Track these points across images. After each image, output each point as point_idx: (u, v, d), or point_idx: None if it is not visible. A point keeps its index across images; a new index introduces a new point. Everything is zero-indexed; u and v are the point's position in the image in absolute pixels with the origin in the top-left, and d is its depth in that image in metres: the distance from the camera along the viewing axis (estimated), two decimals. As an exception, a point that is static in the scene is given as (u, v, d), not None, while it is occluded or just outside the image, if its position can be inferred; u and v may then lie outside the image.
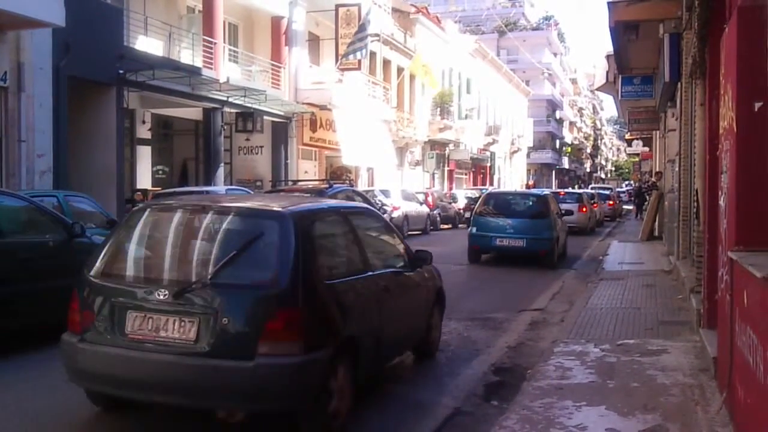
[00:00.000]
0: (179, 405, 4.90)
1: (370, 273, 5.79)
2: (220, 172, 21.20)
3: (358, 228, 6.05)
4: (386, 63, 32.72)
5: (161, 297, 4.75)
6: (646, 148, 36.11)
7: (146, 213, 5.53)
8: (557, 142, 77.70)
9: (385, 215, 16.02)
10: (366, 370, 5.52)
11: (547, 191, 21.99)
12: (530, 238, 15.32)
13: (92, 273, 5.15)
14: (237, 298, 4.75)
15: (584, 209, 25.65)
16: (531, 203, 16.42)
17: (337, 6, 26.01)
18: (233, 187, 18.94)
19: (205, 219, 5.26)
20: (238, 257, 4.82)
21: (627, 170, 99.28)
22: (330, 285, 5.14)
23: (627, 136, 40.78)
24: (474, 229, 15.83)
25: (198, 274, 4.86)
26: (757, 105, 4.10)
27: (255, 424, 5.18)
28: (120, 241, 5.40)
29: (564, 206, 19.85)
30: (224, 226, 5.15)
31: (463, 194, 32.22)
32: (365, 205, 8.91)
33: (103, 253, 5.25)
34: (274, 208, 5.25)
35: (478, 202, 17.12)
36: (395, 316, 6.08)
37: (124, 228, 5.50)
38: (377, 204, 18.00)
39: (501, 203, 16.62)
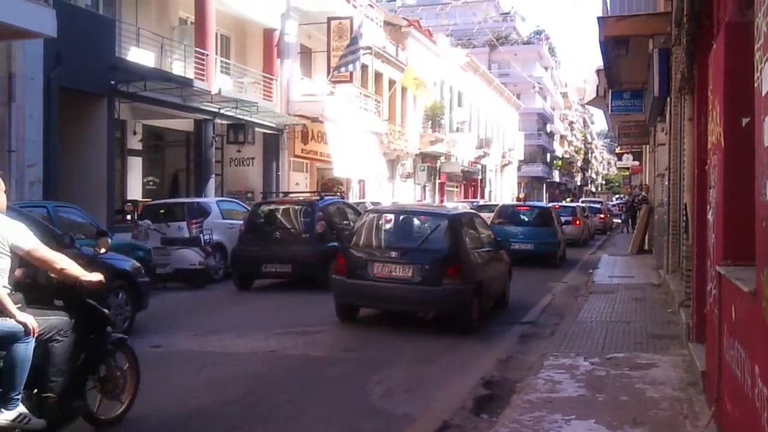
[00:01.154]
0: (399, 309, 9.87)
1: (483, 249, 10.57)
2: (211, 184, 21.16)
3: (477, 224, 11.14)
4: (378, 76, 32.81)
5: (393, 255, 9.42)
6: (636, 162, 36.31)
7: (370, 214, 10.64)
8: (548, 155, 77.97)
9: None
10: (484, 303, 9.89)
11: (549, 205, 25.70)
12: (537, 242, 18.41)
13: (350, 245, 9.86)
14: (432, 257, 9.30)
15: (578, 222, 26.41)
16: (537, 214, 19.85)
17: (329, 19, 26.08)
18: (224, 198, 18.91)
19: (408, 217, 10.57)
20: (430, 236, 9.73)
21: (617, 184, 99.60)
22: (470, 252, 9.91)
23: (617, 150, 41.05)
24: None
25: (411, 244, 9.65)
26: (745, 120, 4.14)
27: (436, 320, 9.92)
28: (359, 229, 10.14)
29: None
30: (420, 221, 10.47)
31: (452, 207, 32.24)
32: (476, 212, 13.86)
33: (353, 235, 10.07)
34: (444, 212, 11.24)
35: (494, 214, 20.45)
36: (494, 275, 10.59)
37: (360, 222, 10.45)
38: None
39: (512, 214, 20.22)
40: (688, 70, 8.00)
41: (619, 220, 40.76)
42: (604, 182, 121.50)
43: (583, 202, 46.02)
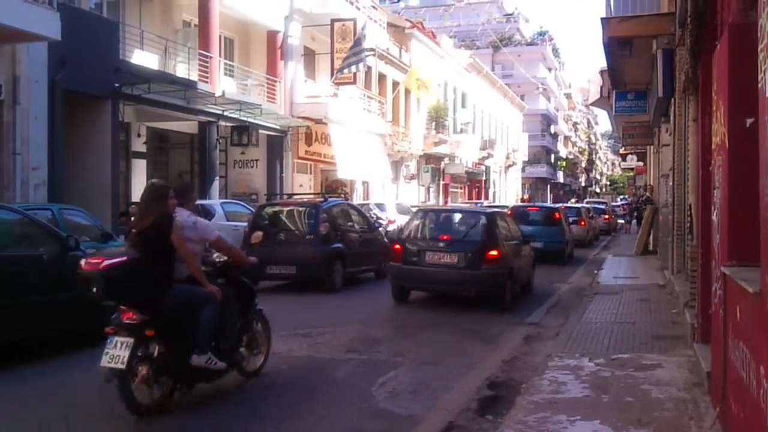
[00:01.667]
0: (446, 290, 11.92)
1: (513, 242, 12.47)
2: (215, 186, 21.20)
3: (508, 221, 13.38)
4: (381, 77, 32.83)
5: (441, 245, 11.47)
6: (641, 163, 36.22)
7: (420, 212, 13.48)
8: (552, 156, 77.91)
9: (380, 228, 16.11)
10: (515, 287, 11.99)
11: (558, 205, 27.18)
12: (546, 240, 19.13)
13: (404, 237, 12.02)
14: (473, 246, 11.32)
15: (583, 223, 26.50)
16: (546, 214, 21.11)
17: (333, 20, 26.11)
18: (228, 200, 18.94)
19: (452, 214, 13.18)
20: (471, 230, 11.79)
21: (622, 184, 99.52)
22: (503, 244, 11.74)
23: (621, 151, 40.96)
24: None
25: (457, 236, 11.76)
26: (749, 121, 4.13)
27: (475, 298, 11.72)
28: (411, 224, 12.52)
29: None
30: (462, 217, 12.68)
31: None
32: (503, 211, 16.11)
33: (407, 230, 12.38)
34: (481, 211, 13.39)
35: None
36: (522, 265, 12.64)
37: (411, 219, 13.04)
38: (372, 218, 18.00)
39: (523, 214, 20.96)
40: (692, 70, 8.00)
41: (623, 221, 40.71)
42: (608, 183, 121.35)
43: (587, 202, 45.96)
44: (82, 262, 7.61)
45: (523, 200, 53.11)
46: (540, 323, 10.34)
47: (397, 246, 11.88)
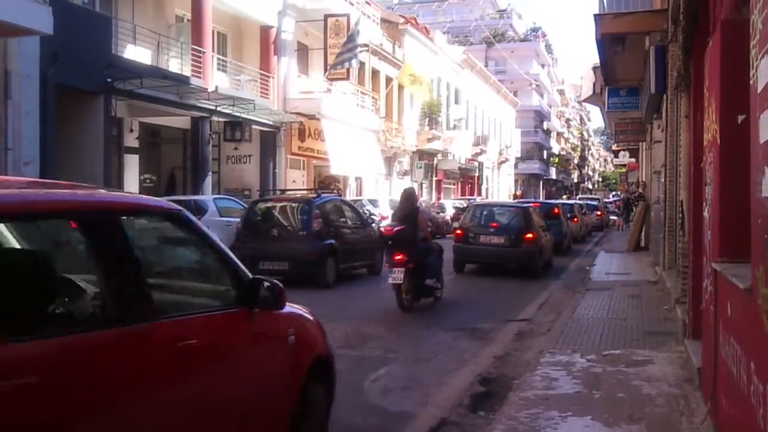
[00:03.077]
0: (498, 263, 15.89)
1: (541, 228, 16.78)
2: (208, 181, 21.14)
3: (538, 213, 17.75)
4: (375, 73, 32.81)
5: (492, 230, 15.95)
6: (633, 159, 36.32)
7: (474, 206, 18.51)
8: (545, 152, 78.03)
9: (373, 225, 16.13)
10: (542, 261, 16.35)
11: (558, 202, 29.23)
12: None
13: (462, 225, 16.76)
14: (515, 230, 15.76)
15: (576, 219, 26.67)
16: (547, 209, 22.11)
17: (326, 16, 26.07)
18: (221, 196, 18.90)
19: (499, 207, 18.49)
20: (513, 218, 16.29)
21: (614, 181, 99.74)
22: (537, 229, 16.13)
23: (614, 147, 41.05)
24: None
25: (503, 223, 16.16)
26: (740, 118, 4.14)
27: (518, 270, 15.62)
28: (467, 216, 17.13)
29: None
30: (506, 209, 17.52)
31: (451, 204, 32.33)
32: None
33: (465, 219, 17.05)
34: (520, 205, 18.30)
35: None
36: (547, 246, 17.05)
37: (468, 212, 17.64)
38: (365, 213, 17.99)
39: None
40: (685, 67, 8.01)
41: (615, 217, 40.80)
42: (600, 179, 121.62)
43: (580, 199, 46.04)
44: (382, 228, 12.54)
45: (515, 196, 53.20)
46: (532, 319, 10.37)
47: (459, 231, 16.44)
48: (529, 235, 15.63)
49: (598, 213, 37.13)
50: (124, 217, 3.36)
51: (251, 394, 3.77)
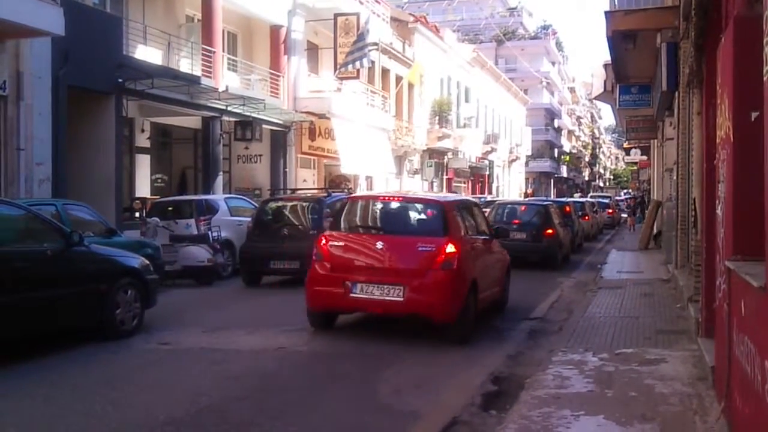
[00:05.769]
0: (519, 256, 14.08)
1: (559, 224, 18.54)
2: (219, 181, 21.21)
3: (557, 209, 19.79)
4: (385, 72, 32.77)
5: (515, 227, 16.76)
6: (644, 157, 36.18)
7: (497, 205, 19.42)
8: (555, 150, 77.77)
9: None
10: (562, 254, 18.19)
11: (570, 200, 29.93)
12: None
13: (494, 220, 16.51)
14: (536, 227, 17.42)
15: (587, 217, 26.75)
16: (558, 207, 22.77)
17: (336, 15, 26.06)
18: (232, 195, 18.94)
19: (519, 206, 19.64)
20: (534, 216, 18.02)
21: (625, 179, 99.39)
22: (556, 225, 17.91)
23: (625, 145, 40.88)
24: None
25: (525, 220, 17.81)
26: (754, 115, 4.11)
27: (539, 263, 16.63)
28: (492, 213, 17.70)
29: None
30: (529, 206, 19.11)
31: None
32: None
33: (490, 216, 16.03)
34: (541, 202, 20.55)
35: None
36: (566, 241, 18.99)
37: (493, 209, 18.34)
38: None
39: None
40: (697, 64, 7.97)
41: (626, 215, 40.63)
42: (612, 177, 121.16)
43: (591, 197, 45.88)
44: None
45: (526, 195, 53.07)
46: (543, 318, 10.34)
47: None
48: (549, 231, 17.19)
49: (610, 211, 37.00)
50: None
51: (500, 265, 10.49)
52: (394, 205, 9.54)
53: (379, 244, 8.43)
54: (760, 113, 3.87)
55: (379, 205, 9.56)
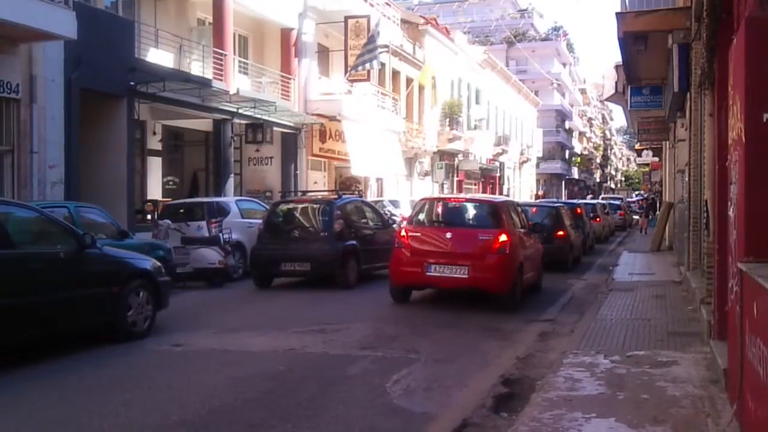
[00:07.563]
0: None
1: (570, 225, 18.59)
2: (230, 183, 21.29)
3: (568, 211, 19.76)
4: (395, 74, 32.80)
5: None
6: (656, 158, 36.01)
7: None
8: (567, 152, 77.56)
9: (394, 225, 16.09)
10: (573, 256, 18.05)
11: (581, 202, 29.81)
12: None
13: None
14: (547, 228, 16.43)
15: (598, 219, 26.55)
16: (569, 209, 22.64)
17: (347, 18, 26.11)
18: (243, 198, 19.01)
19: (531, 207, 19.09)
20: (545, 217, 17.60)
21: (637, 180, 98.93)
22: (567, 226, 17.85)
23: (637, 147, 40.69)
24: None
25: (538, 221, 16.34)
26: (766, 116, 4.10)
27: (550, 264, 14.43)
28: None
29: None
30: (539, 209, 18.70)
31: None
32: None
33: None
34: (552, 204, 19.97)
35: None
36: (577, 243, 18.71)
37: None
38: (386, 214, 18.00)
39: None
40: (708, 65, 7.93)
41: (638, 217, 40.44)
42: (623, 179, 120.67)
43: (603, 198, 45.73)
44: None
45: (537, 197, 52.93)
46: (555, 320, 10.31)
47: None
48: (560, 233, 17.18)
49: (621, 212, 36.85)
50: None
51: (537, 255, 12.64)
52: (459, 204, 12.25)
53: (448, 235, 10.87)
54: (772, 114, 3.85)
55: (447, 204, 12.26)
